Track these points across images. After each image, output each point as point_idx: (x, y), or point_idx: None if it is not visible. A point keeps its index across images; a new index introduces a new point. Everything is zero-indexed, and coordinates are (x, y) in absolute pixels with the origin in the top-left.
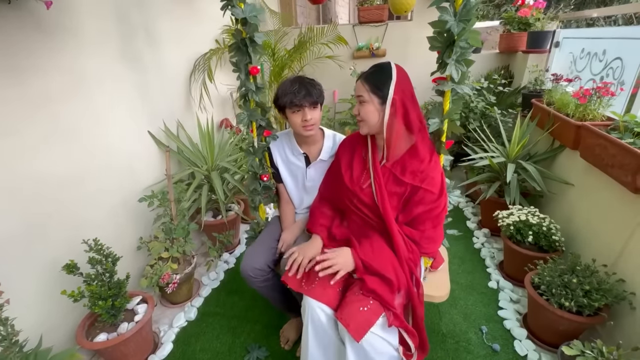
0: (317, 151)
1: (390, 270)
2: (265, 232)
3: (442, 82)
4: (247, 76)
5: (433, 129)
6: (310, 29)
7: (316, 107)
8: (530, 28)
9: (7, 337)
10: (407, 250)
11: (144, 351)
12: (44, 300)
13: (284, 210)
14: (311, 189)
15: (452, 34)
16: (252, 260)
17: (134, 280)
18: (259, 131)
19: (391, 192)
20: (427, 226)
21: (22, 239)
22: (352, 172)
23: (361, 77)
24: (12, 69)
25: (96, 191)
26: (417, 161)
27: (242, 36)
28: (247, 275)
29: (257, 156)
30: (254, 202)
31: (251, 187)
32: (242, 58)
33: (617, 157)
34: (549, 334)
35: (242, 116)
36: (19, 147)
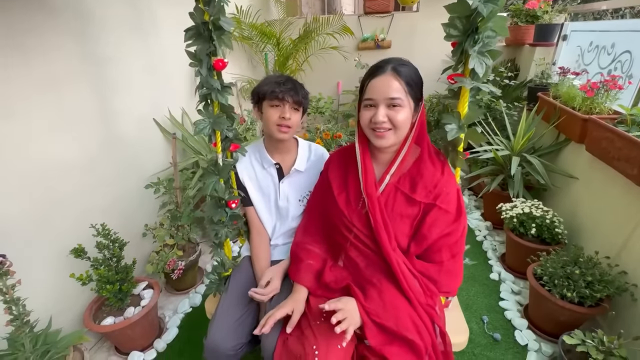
0: (291, 161)
1: (411, 328)
2: (233, 289)
3: (461, 79)
4: (209, 71)
5: (452, 136)
6: (315, 19)
7: (298, 109)
8: (537, 21)
9: (19, 317)
10: (423, 293)
11: (150, 335)
12: (53, 283)
13: (256, 245)
14: (284, 210)
15: (475, 19)
16: (220, 342)
17: (139, 267)
18: (224, 144)
19: (402, 215)
20: (444, 256)
21: (31, 222)
22: (347, 193)
23: (386, 71)
24: (16, 47)
25: (102, 177)
26: (428, 173)
27: (203, 19)
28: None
29: (221, 177)
30: (218, 237)
31: (215, 218)
32: (203, 47)
33: (624, 151)
34: (550, 324)
35: (202, 124)
36: (25, 130)
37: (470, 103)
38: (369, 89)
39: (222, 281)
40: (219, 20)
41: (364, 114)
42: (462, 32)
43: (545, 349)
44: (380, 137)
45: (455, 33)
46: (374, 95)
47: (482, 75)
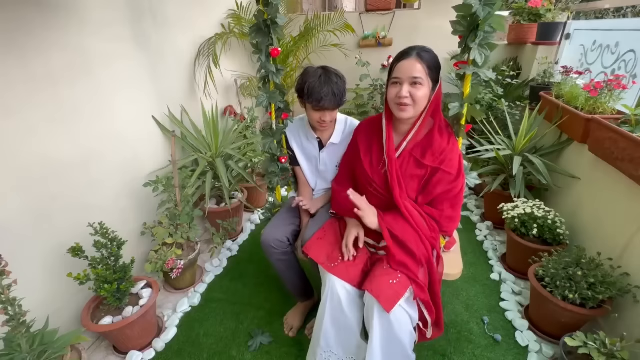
0: (329, 135)
1: (413, 242)
2: (284, 209)
3: (464, 66)
4: (267, 58)
5: (453, 112)
6: (316, 16)
7: (337, 108)
8: (540, 19)
9: (15, 317)
10: (428, 228)
11: (149, 335)
12: (50, 283)
13: (302, 191)
14: (324, 173)
15: (476, 18)
16: (273, 232)
17: (137, 266)
18: (278, 114)
19: (412, 175)
20: (445, 206)
21: (27, 221)
22: (371, 157)
23: (412, 55)
24: (11, 44)
25: (100, 175)
26: (437, 144)
27: (264, 17)
28: (268, 245)
29: (275, 138)
30: (271, 183)
31: (269, 169)
32: (263, 40)
33: (628, 151)
34: (551, 325)
35: (261, 98)
36: (22, 127)
37: (473, 84)
38: (397, 69)
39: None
40: (275, 18)
41: (391, 90)
42: (466, 28)
43: (546, 350)
44: (402, 110)
45: (460, 29)
46: (400, 75)
47: (482, 63)
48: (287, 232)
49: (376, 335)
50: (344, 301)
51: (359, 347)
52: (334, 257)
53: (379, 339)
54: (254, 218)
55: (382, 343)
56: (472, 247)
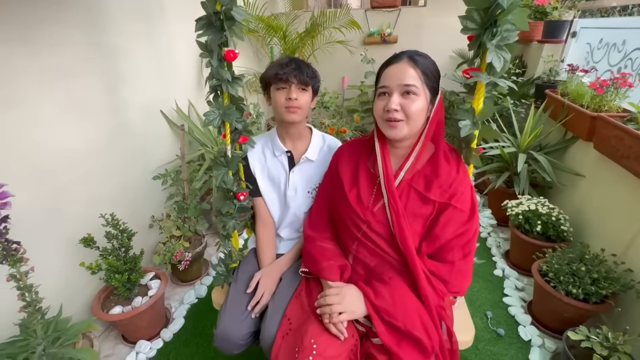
0: (303, 149)
1: (419, 327)
2: (239, 280)
3: (477, 74)
4: (220, 62)
5: (465, 133)
6: (322, 12)
7: (305, 89)
8: (546, 17)
9: (32, 304)
10: (435, 294)
11: (157, 325)
12: (62, 272)
13: (262, 237)
14: (292, 201)
15: (493, 11)
16: (230, 332)
17: (145, 257)
18: (233, 136)
19: (415, 214)
20: (456, 256)
21: (41, 211)
22: (358, 190)
23: (402, 59)
24: (26, 39)
25: (110, 168)
26: (444, 172)
27: (215, 9)
28: (226, 351)
29: (230, 169)
30: (225, 229)
31: (223, 210)
32: (214, 37)
33: (633, 148)
34: (554, 320)
35: (211, 115)
36: (34, 119)
37: (485, 99)
38: (384, 76)
39: (230, 272)
40: (230, 11)
41: (378, 103)
42: (480, 25)
43: (548, 345)
44: (392, 127)
45: (472, 26)
46: (388, 82)
47: (500, 70)
48: (248, 326)
49: None
50: None
51: None
52: (306, 347)
53: None
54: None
55: None
56: None
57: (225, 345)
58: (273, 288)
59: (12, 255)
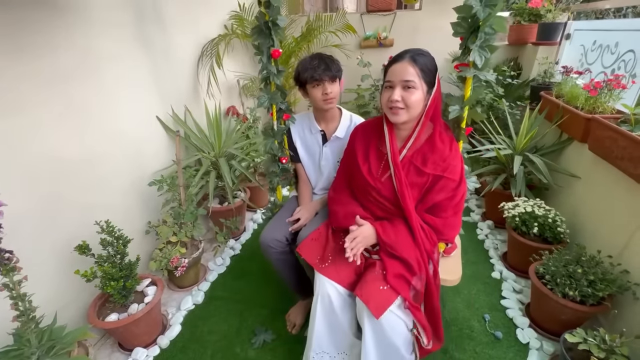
0: (333, 128)
1: (411, 254)
2: (284, 209)
3: (465, 69)
4: (269, 59)
5: (453, 115)
6: (318, 16)
7: (335, 81)
8: (540, 19)
9: (25, 313)
10: (427, 240)
11: (154, 332)
12: (57, 280)
13: (301, 190)
14: (325, 169)
15: (477, 19)
16: (271, 231)
17: (142, 264)
18: (279, 114)
19: (412, 183)
20: (448, 213)
21: (36, 218)
22: (369, 164)
23: (404, 58)
24: (24, 45)
25: (105, 174)
26: (438, 150)
27: (265, 19)
28: (266, 245)
29: (276, 139)
30: (272, 183)
31: (270, 169)
32: (264, 41)
33: (628, 150)
34: (551, 322)
35: (263, 99)
36: (29, 126)
37: (474, 87)
38: (390, 73)
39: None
40: (276, 20)
41: (384, 94)
42: (467, 29)
43: (546, 348)
44: (395, 114)
45: (461, 30)
46: (392, 78)
47: (482, 65)
48: (285, 232)
49: (369, 338)
50: (335, 301)
51: (353, 346)
52: (325, 258)
53: (372, 341)
54: (257, 217)
55: (376, 345)
56: (473, 245)
57: (266, 240)
58: (309, 218)
59: (5, 265)
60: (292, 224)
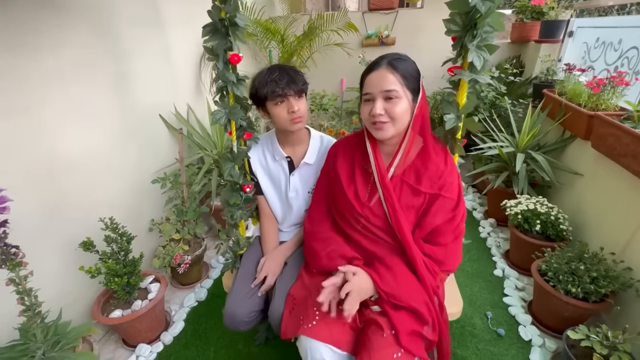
0: (302, 153)
1: (420, 302)
2: (245, 264)
3: (460, 72)
4: (226, 65)
5: (450, 125)
6: (320, 15)
7: (301, 96)
8: (543, 17)
9: (31, 308)
10: (430, 275)
11: (157, 328)
12: (62, 276)
13: (265, 229)
14: (294, 202)
15: (474, 15)
16: (236, 311)
17: (145, 261)
18: (239, 133)
19: (408, 206)
20: (448, 239)
21: (41, 215)
22: (355, 186)
23: (381, 66)
24: (26, 45)
25: (109, 172)
26: (433, 165)
27: (220, 16)
28: (233, 328)
29: (236, 163)
30: (233, 218)
31: (230, 201)
32: (220, 43)
33: (630, 147)
34: (554, 320)
35: (218, 114)
36: (33, 124)
37: (468, 93)
38: (366, 83)
39: (238, 258)
40: (234, 17)
41: (364, 108)
42: (462, 27)
43: (549, 345)
44: (379, 129)
45: (455, 28)
46: (371, 89)
47: (480, 68)
48: (253, 305)
49: None
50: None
51: None
52: (311, 315)
53: None
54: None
55: None
56: (475, 243)
57: (232, 322)
58: (277, 270)
59: (11, 260)
60: (258, 287)
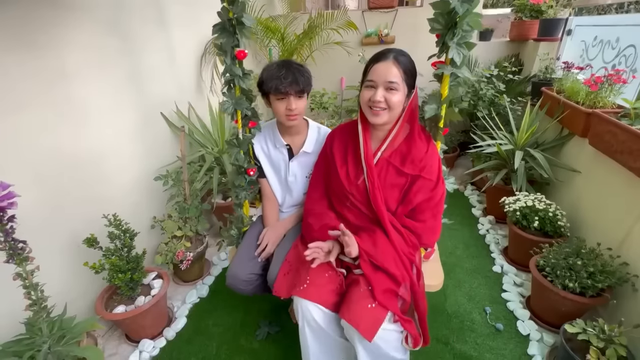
0: (300, 142)
1: (392, 264)
2: (248, 236)
3: (442, 66)
4: (233, 60)
5: (430, 114)
6: (320, 14)
7: (302, 96)
8: (542, 15)
9: (37, 302)
10: (405, 244)
11: (160, 324)
12: (66, 272)
13: (266, 208)
14: (293, 185)
15: (454, 15)
16: (237, 270)
17: (147, 258)
18: (244, 121)
19: (392, 184)
20: (427, 216)
21: (44, 213)
22: (347, 167)
23: (388, 58)
24: (28, 43)
25: (112, 169)
26: (416, 150)
27: (228, 16)
28: (235, 287)
29: (242, 149)
30: (238, 198)
31: (236, 182)
32: (228, 40)
33: (627, 144)
34: (552, 314)
35: (226, 104)
36: (37, 122)
37: (451, 86)
38: (372, 71)
39: (241, 235)
40: (241, 17)
41: (365, 93)
42: (444, 26)
43: (546, 339)
44: (376, 114)
45: (438, 27)
46: (375, 78)
47: (460, 63)
48: (252, 267)
49: (363, 357)
50: (321, 322)
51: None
52: (303, 280)
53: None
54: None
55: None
56: (474, 240)
57: (233, 282)
58: (277, 240)
59: (19, 255)
60: (259, 254)
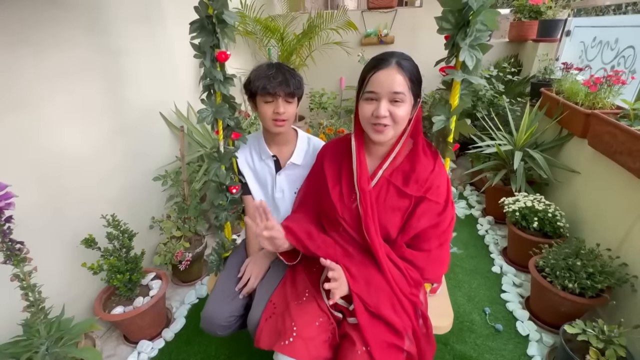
0: (288, 153)
1: (390, 309)
2: (229, 266)
3: (452, 72)
4: (212, 63)
5: (438, 127)
6: (319, 14)
7: (292, 101)
8: (541, 16)
9: (35, 303)
10: (406, 282)
11: (158, 325)
12: (64, 273)
13: (250, 232)
14: (280, 202)
15: (467, 12)
16: (215, 313)
17: (146, 258)
18: (226, 133)
19: (393, 208)
20: (432, 244)
21: (43, 212)
22: (341, 187)
23: (391, 64)
24: (27, 41)
25: (110, 169)
26: (421, 167)
27: (207, 12)
28: (209, 332)
29: (223, 164)
30: (218, 219)
31: (215, 202)
32: (207, 39)
33: (626, 144)
34: (551, 315)
35: (204, 113)
36: (36, 121)
37: (462, 94)
38: (372, 81)
39: (222, 261)
40: (222, 14)
41: (365, 108)
42: (454, 25)
43: (546, 339)
44: (379, 132)
45: (447, 26)
46: (378, 89)
47: (472, 68)
48: (233, 310)
49: None
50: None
51: None
52: (288, 330)
53: None
54: None
55: None
56: (473, 241)
57: (209, 325)
58: (260, 274)
59: (16, 255)
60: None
